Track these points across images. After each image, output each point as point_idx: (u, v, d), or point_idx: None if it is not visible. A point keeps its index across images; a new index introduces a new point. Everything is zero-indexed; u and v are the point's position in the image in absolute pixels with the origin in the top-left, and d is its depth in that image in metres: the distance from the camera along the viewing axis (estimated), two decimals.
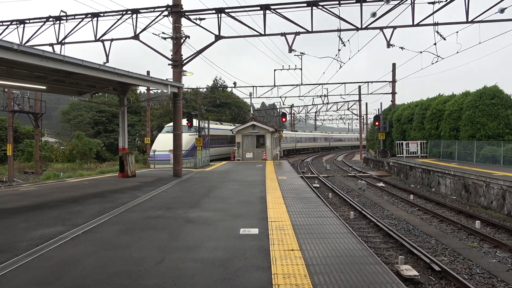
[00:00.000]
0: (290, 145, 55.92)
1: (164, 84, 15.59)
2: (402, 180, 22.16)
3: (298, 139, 60.29)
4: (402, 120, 27.98)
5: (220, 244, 6.21)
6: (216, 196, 11.37)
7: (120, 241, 6.52)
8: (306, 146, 65.67)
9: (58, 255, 5.80)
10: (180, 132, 17.66)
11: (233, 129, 30.67)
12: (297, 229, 7.16)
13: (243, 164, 25.82)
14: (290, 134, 56.76)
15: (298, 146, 60.12)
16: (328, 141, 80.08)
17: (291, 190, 12.44)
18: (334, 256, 5.60)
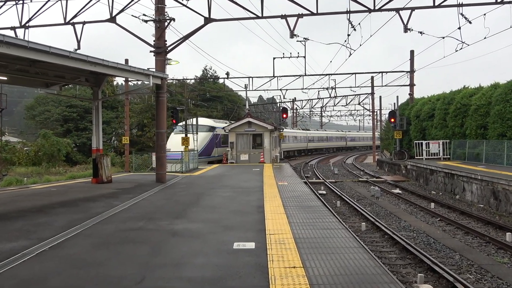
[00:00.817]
0: (300, 145, 58.09)
1: (145, 74, 15.57)
2: (422, 186, 22.24)
3: (310, 138, 62.70)
4: (422, 117, 28.06)
5: (210, 261, 6.21)
6: (206, 204, 11.37)
7: (94, 257, 6.51)
8: (319, 146, 67.66)
9: (22, 274, 5.78)
10: (164, 130, 17.66)
11: (225, 127, 30.71)
12: (300, 243, 7.17)
13: (237, 167, 25.82)
14: (300, 133, 58.99)
15: (310, 146, 62.81)
16: (344, 140, 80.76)
17: (293, 197, 12.45)
18: (342, 274, 5.62)
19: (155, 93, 17.81)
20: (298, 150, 57.78)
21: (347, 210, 15.62)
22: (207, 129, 33.33)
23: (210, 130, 33.13)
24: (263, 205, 10.94)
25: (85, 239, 7.65)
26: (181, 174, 21.36)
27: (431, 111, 27.17)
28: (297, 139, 57.05)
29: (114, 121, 49.93)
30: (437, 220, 13.60)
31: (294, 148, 56.03)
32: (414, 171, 24.51)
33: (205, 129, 33.03)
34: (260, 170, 23.11)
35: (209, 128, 33.29)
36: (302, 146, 59.48)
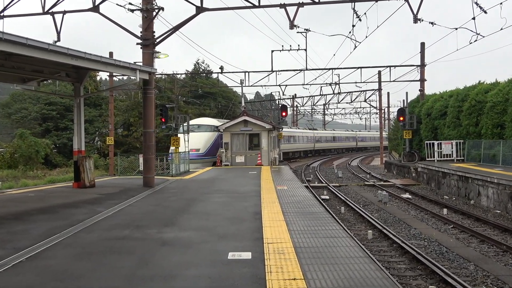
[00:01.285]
0: (306, 146, 60.09)
1: (132, 68, 15.55)
2: (433, 190, 22.30)
3: (317, 138, 64.93)
4: (433, 115, 28.12)
5: (203, 272, 6.20)
6: (198, 211, 11.36)
7: (75, 269, 6.48)
8: (327, 147, 70.02)
9: None
10: (152, 130, 17.64)
11: (219, 126, 30.72)
12: (301, 252, 7.17)
13: (232, 170, 25.82)
14: (307, 132, 61.13)
15: (318, 146, 65.45)
16: (355, 140, 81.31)
17: (293, 203, 12.46)
18: (347, 287, 5.62)
19: (142, 89, 17.79)
20: (304, 151, 60.14)
21: (352, 217, 15.64)
22: (212, 129, 34.25)
23: (215, 130, 33.85)
24: (261, 212, 10.94)
25: (65, 249, 7.62)
26: (171, 178, 21.34)
27: (443, 109, 27.22)
28: (303, 139, 59.05)
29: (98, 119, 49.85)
30: (450, 228, 13.63)
31: (300, 148, 58.39)
32: (425, 174, 24.58)
33: (210, 129, 34.23)
34: (257, 173, 23.12)
35: (214, 128, 34.00)
36: (308, 146, 61.47)
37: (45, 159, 41.12)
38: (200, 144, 29.83)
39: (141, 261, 6.80)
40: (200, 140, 30.10)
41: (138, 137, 45.22)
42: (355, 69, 33.99)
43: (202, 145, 31.17)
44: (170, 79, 49.91)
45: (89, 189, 16.38)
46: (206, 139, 33.43)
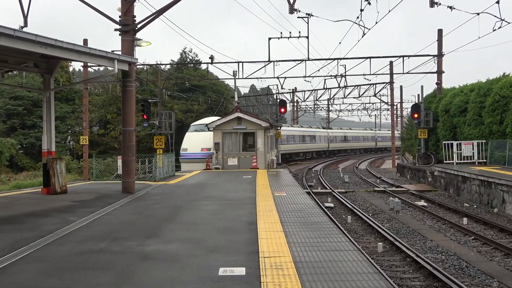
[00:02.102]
0: (320, 146, 65.28)
1: (109, 58, 15.52)
2: (452, 197, 22.38)
3: (332, 138, 68.71)
4: (452, 111, 28.20)
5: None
6: (185, 220, 11.36)
7: (45, 286, 6.46)
8: (343, 147, 74.01)
9: None
10: (132, 128, 17.61)
11: (209, 124, 30.73)
12: (302, 268, 7.18)
13: (223, 174, 25.81)
14: (320, 132, 66.31)
15: (332, 147, 69.75)
16: (374, 140, 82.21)
17: (293, 211, 12.47)
18: None
19: (121, 82, 17.74)
20: (317, 151, 65.12)
21: (360, 227, 15.67)
22: None
23: None
24: (256, 221, 10.95)
25: (34, 263, 7.59)
26: (154, 183, 21.32)
27: (463, 105, 27.27)
28: (316, 139, 63.92)
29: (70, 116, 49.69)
30: (471, 239, 13.68)
31: (312, 149, 63.17)
32: (443, 178, 24.65)
33: None
34: (252, 177, 23.12)
35: None
36: (322, 146, 65.49)
37: (10, 161, 40.95)
38: (211, 143, 31.46)
39: (119, 278, 6.79)
40: (211, 139, 31.31)
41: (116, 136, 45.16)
42: (364, 60, 34.05)
43: (210, 145, 32.73)
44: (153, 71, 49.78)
45: (60, 196, 16.32)
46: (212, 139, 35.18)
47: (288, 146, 54.15)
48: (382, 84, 47.02)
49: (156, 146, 27.91)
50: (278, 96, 52.22)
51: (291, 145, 55.54)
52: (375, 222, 15.79)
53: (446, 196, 22.96)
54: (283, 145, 51.73)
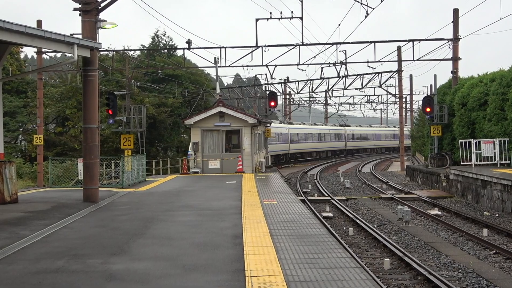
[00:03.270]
0: (336, 145, 72.64)
1: (67, 43, 15.39)
2: (470, 205, 22.51)
3: (349, 136, 75.40)
4: (470, 105, 28.31)
5: None
6: (158, 234, 11.32)
7: None
8: (362, 146, 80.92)
9: None
10: (96, 125, 17.50)
11: (186, 121, 30.67)
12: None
13: (203, 179, 25.75)
14: (336, 129, 73.59)
15: (351, 145, 77.13)
16: (396, 138, 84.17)
17: (285, 222, 12.47)
18: None
19: (82, 71, 17.62)
20: (333, 150, 72.30)
21: (363, 241, 15.70)
22: None
23: None
24: (242, 234, 10.94)
25: None
26: (122, 190, 21.22)
27: (483, 97, 27.38)
28: (332, 137, 70.96)
29: (22, 112, 49.31)
30: (492, 254, 13.76)
31: (329, 148, 70.75)
32: (460, 183, 24.77)
33: None
34: (237, 183, 23.10)
35: None
36: (338, 145, 72.47)
37: None
38: None
39: None
40: None
41: (76, 135, 44.84)
42: (367, 44, 34.15)
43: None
44: (120, 58, 49.47)
45: (10, 206, 16.16)
46: None
47: (300, 145, 62.16)
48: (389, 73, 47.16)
49: (123, 146, 27.81)
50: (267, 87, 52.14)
51: (302, 144, 63.22)
52: (381, 234, 15.83)
53: (463, 203, 23.08)
54: (294, 144, 59.82)
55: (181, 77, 56.99)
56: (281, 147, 56.70)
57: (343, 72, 44.59)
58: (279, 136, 55.83)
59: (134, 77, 42.13)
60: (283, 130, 57.95)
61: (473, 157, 25.76)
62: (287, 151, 59.00)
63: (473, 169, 24.42)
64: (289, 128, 59.98)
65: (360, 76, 49.10)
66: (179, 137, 54.77)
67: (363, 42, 34.19)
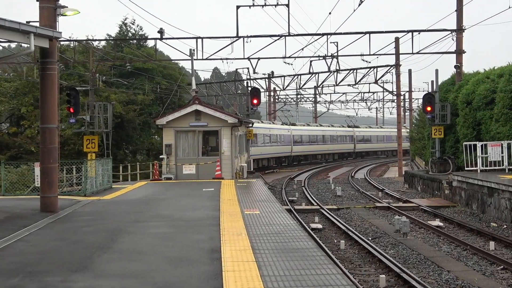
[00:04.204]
0: (343, 147, 77.36)
1: (23, 31, 15.26)
2: (475, 215, 22.63)
3: (359, 137, 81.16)
4: (475, 103, 28.43)
5: None
6: (126, 248, 11.28)
7: None
8: (371, 149, 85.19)
9: None
10: (55, 125, 17.39)
11: (158, 120, 30.56)
12: None
13: (177, 186, 25.68)
14: (345, 131, 78.56)
15: (360, 148, 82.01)
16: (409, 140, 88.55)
17: (268, 235, 12.48)
18: None
19: (39, 64, 17.49)
20: (341, 152, 77.76)
21: (356, 255, 15.74)
22: None
23: None
24: (220, 248, 10.93)
25: None
26: (84, 198, 21.10)
27: (489, 94, 27.49)
28: (340, 139, 76.26)
29: None
30: (500, 270, 13.85)
31: (337, 150, 75.98)
32: (464, 190, 24.88)
33: None
34: (216, 190, 23.06)
35: None
36: (347, 148, 78.40)
37: None
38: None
39: None
40: None
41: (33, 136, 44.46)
42: (362, 35, 34.24)
43: None
44: (83, 49, 49.13)
45: None
46: None
47: (303, 148, 67.10)
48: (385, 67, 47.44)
49: (86, 149, 27.60)
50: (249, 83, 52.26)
51: (306, 146, 67.88)
52: (376, 248, 15.87)
53: (467, 213, 23.21)
54: (296, 146, 64.43)
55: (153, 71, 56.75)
56: (282, 149, 60.37)
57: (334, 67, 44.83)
58: (280, 138, 59.53)
59: (99, 70, 41.97)
60: (284, 132, 61.57)
61: (478, 161, 25.87)
62: (289, 153, 62.78)
63: (478, 175, 24.54)
64: (291, 130, 63.71)
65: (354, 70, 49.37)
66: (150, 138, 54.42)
67: (357, 32, 34.26)
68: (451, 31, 32.90)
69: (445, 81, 34.56)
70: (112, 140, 31.72)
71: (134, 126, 50.08)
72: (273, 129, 59.18)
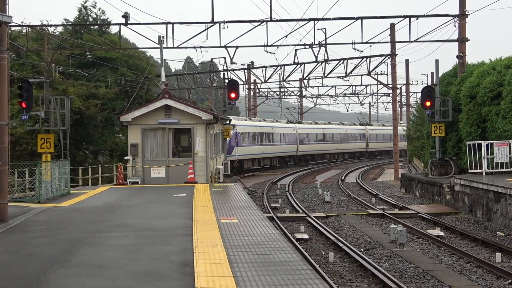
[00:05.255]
0: (356, 146, 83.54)
1: None
2: (480, 223, 22.73)
3: (372, 136, 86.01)
4: (480, 97, 28.53)
5: None
6: (86, 261, 11.23)
7: None
8: (385, 148, 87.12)
9: None
10: (5, 122, 17.26)
11: (122, 116, 30.42)
12: None
13: (144, 191, 25.60)
14: (356, 129, 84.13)
15: (373, 147, 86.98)
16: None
17: (247, 246, 12.49)
18: None
19: None
20: (352, 152, 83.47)
21: (346, 269, 15.76)
22: None
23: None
24: (193, 262, 10.91)
25: None
26: (39, 205, 20.95)
27: (496, 88, 27.59)
28: (351, 138, 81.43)
29: None
30: (507, 284, 13.95)
31: (347, 149, 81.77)
32: (467, 195, 24.97)
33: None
34: (188, 196, 23.01)
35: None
36: (358, 147, 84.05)
37: None
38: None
39: None
40: None
41: None
42: (353, 21, 34.33)
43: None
44: (37, 35, 48.79)
45: None
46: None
47: (310, 147, 73.00)
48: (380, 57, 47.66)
49: (41, 149, 27.43)
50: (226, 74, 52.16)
51: (313, 145, 73.88)
52: (369, 260, 15.91)
53: (471, 221, 23.32)
54: (302, 145, 70.12)
55: (117, 60, 56.53)
56: (286, 148, 65.79)
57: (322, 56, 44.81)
58: (283, 136, 64.80)
59: (55, 60, 41.62)
60: (289, 130, 66.74)
61: (483, 163, 25.98)
62: (294, 152, 68.06)
63: (484, 178, 24.65)
64: (297, 128, 68.76)
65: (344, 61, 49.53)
66: (113, 138, 54.18)
67: (347, 18, 34.36)
68: (453, 16, 33.06)
69: (446, 73, 34.71)
70: (71, 139, 31.52)
71: (96, 123, 49.79)
72: (276, 127, 64.01)
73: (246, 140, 57.50)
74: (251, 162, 59.31)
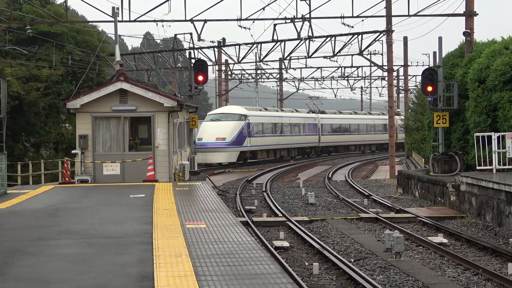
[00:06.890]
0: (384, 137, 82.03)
1: None
2: (490, 228, 22.86)
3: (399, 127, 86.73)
4: (490, 81, 28.59)
5: None
6: (25, 274, 11.19)
7: None
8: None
9: None
10: None
11: (69, 103, 30.27)
12: None
13: (95, 191, 25.56)
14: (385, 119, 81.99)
15: (402, 138, 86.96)
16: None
17: (218, 256, 12.50)
18: None
19: None
20: (380, 143, 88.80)
21: (333, 282, 15.80)
22: (238, 118, 61.03)
23: (241, 119, 60.71)
24: (153, 275, 10.89)
25: None
26: None
27: (509, 70, 27.72)
28: (378, 128, 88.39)
29: None
30: None
31: (374, 141, 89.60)
32: (475, 196, 25.08)
33: (236, 118, 61.04)
34: (147, 197, 23.01)
35: (240, 116, 61.09)
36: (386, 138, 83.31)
37: None
38: (226, 133, 44.40)
39: None
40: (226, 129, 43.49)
41: None
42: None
43: (227, 134, 47.78)
44: None
45: None
46: (231, 128, 58.63)
47: (333, 138, 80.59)
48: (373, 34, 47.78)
49: None
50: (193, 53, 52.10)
51: (337, 136, 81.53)
52: (360, 273, 15.97)
53: (479, 226, 23.45)
54: (325, 136, 77.80)
55: (62, 36, 56.20)
56: (306, 139, 73.44)
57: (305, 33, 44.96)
58: (302, 127, 72.69)
59: None
60: (310, 120, 74.57)
61: (494, 158, 26.05)
62: (316, 143, 75.93)
63: (494, 176, 24.74)
64: (319, 118, 76.36)
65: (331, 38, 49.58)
66: (58, 128, 53.92)
67: None
68: None
69: (451, 53, 34.86)
70: (8, 129, 31.37)
71: (38, 110, 49.48)
72: (294, 118, 71.66)
73: (260, 131, 65.14)
74: (266, 153, 65.95)
